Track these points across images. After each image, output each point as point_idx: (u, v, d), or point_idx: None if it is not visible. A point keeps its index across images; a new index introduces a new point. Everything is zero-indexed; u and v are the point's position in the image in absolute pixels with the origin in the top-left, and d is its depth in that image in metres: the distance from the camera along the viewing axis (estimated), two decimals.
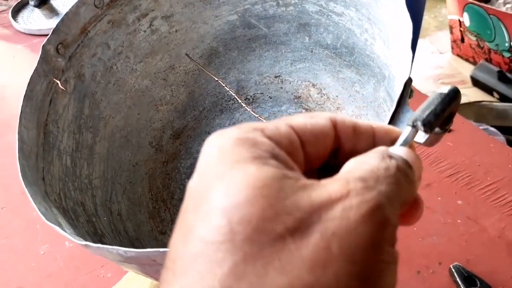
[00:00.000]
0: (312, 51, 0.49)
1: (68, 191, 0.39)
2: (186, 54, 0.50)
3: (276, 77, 0.52)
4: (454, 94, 0.23)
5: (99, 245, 0.28)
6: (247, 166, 0.16)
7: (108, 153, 0.46)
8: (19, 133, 0.35)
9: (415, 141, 0.22)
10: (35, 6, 0.40)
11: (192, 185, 0.17)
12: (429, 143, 0.24)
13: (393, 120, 0.27)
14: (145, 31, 0.48)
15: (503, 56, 1.43)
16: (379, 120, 0.44)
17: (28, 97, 0.37)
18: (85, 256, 0.56)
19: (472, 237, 0.59)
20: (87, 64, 0.44)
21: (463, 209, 0.61)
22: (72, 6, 0.41)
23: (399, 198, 0.17)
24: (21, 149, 0.34)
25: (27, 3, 0.98)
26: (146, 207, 0.47)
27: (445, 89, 0.23)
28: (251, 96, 0.53)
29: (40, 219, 0.30)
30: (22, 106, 0.36)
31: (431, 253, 0.59)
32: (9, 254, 0.60)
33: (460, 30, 1.54)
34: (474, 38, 1.50)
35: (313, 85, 0.51)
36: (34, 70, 0.38)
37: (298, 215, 0.15)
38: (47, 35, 0.40)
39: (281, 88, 0.52)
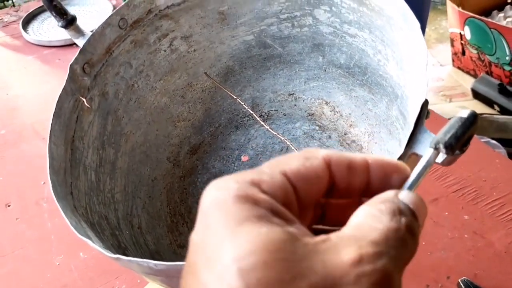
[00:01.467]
0: (325, 70, 0.51)
1: (93, 205, 0.41)
2: (205, 73, 0.52)
3: (290, 94, 0.54)
4: (474, 118, 0.24)
5: (131, 258, 0.29)
6: (255, 227, 0.16)
7: (129, 168, 0.48)
8: (49, 149, 0.37)
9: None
10: (62, 27, 0.42)
11: (197, 239, 0.17)
12: (446, 163, 0.25)
13: (411, 141, 0.29)
14: (165, 51, 0.50)
15: (503, 69, 1.46)
16: (392, 138, 0.46)
17: (57, 115, 0.39)
18: (100, 268, 0.58)
19: (479, 251, 0.61)
20: (110, 82, 0.45)
21: (470, 224, 0.63)
22: (98, 27, 0.43)
23: (404, 259, 0.17)
24: (51, 165, 0.36)
25: (37, 14, 1.01)
26: (165, 221, 0.49)
27: (465, 113, 0.24)
28: (265, 113, 0.55)
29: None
30: (51, 124, 0.38)
31: (439, 267, 0.60)
32: (24, 265, 0.61)
33: (461, 43, 1.56)
34: (475, 51, 1.53)
35: (327, 103, 0.52)
36: (63, 89, 0.40)
37: (313, 279, 0.15)
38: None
39: (295, 105, 0.54)
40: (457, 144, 0.24)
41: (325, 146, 0.51)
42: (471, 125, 0.24)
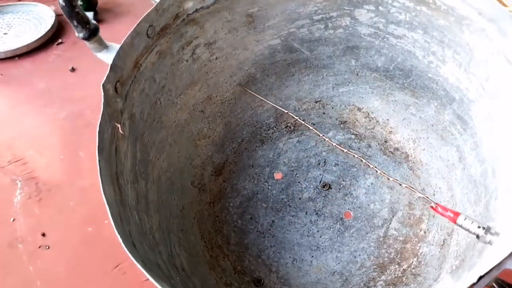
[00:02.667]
0: (357, 74, 0.48)
1: (146, 253, 0.34)
2: (239, 84, 0.46)
3: (316, 102, 0.50)
4: None
5: None
6: None
7: (159, 200, 0.41)
8: (104, 194, 0.29)
9: None
10: (84, 38, 0.34)
11: None
12: None
13: None
14: (187, 60, 0.43)
15: None
16: (445, 143, 0.43)
17: (100, 149, 0.31)
18: None
19: None
20: (136, 102, 0.38)
21: None
22: (127, 38, 0.36)
23: None
24: (113, 215, 0.29)
25: None
26: (203, 257, 0.42)
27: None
28: (291, 124, 0.50)
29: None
30: (98, 162, 0.30)
31: None
32: None
33: None
34: None
35: (359, 109, 0.49)
36: (101, 116, 0.32)
37: None
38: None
39: (324, 113, 0.50)
40: None
41: (367, 156, 0.47)
42: None
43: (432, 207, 0.34)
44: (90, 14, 1.03)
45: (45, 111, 0.83)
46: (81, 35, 0.34)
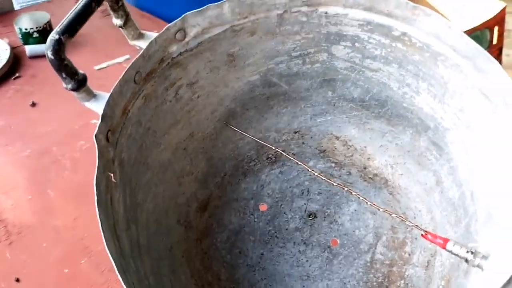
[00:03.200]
0: (334, 105, 0.49)
1: None
2: (226, 123, 0.46)
3: (295, 132, 0.51)
4: None
5: None
6: None
7: (148, 243, 0.41)
8: (109, 249, 0.29)
9: None
10: (73, 89, 0.34)
11: None
12: None
13: None
14: (170, 101, 0.43)
15: None
16: (422, 168, 0.46)
17: (99, 202, 0.31)
18: None
19: None
20: (125, 147, 0.38)
21: None
22: (116, 86, 0.36)
23: None
24: (119, 269, 0.28)
25: None
26: None
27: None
28: (272, 155, 0.51)
29: None
30: (98, 215, 0.30)
31: None
32: None
33: None
34: None
35: (337, 138, 0.51)
36: (97, 169, 0.32)
37: None
38: None
39: (303, 143, 0.51)
40: None
41: (348, 184, 0.49)
42: None
43: (422, 235, 0.36)
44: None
45: (6, 150, 0.80)
46: (69, 86, 0.34)
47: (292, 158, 0.47)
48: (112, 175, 0.34)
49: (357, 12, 0.41)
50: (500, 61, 1.43)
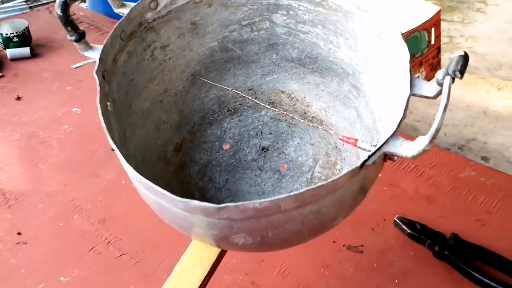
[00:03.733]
0: (278, 65, 0.63)
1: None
2: (193, 75, 0.59)
3: (249, 90, 0.64)
4: (467, 54, 0.38)
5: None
6: None
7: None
8: (121, 153, 0.41)
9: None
10: (75, 40, 0.46)
11: None
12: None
13: (412, 85, 0.42)
14: (148, 60, 0.55)
15: None
16: (347, 107, 0.59)
17: (104, 116, 0.42)
18: None
19: (398, 197, 0.78)
20: (115, 90, 0.50)
21: (385, 178, 0.80)
22: (108, 39, 0.48)
23: None
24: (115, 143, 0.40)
25: None
26: None
27: (461, 52, 0.38)
28: (232, 108, 0.64)
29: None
30: (104, 123, 0.42)
31: (375, 214, 0.76)
32: None
33: None
34: None
35: (282, 92, 0.64)
36: (98, 95, 0.44)
37: None
38: None
39: (256, 97, 0.64)
40: (464, 70, 0.38)
41: (292, 125, 0.62)
42: (467, 58, 0.38)
43: (340, 138, 0.49)
44: (26, 49, 1.11)
45: None
46: (73, 38, 0.46)
47: (257, 101, 0.60)
48: (109, 104, 0.46)
49: None
50: (439, 60, 1.60)
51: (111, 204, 0.77)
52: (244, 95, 0.61)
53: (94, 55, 0.47)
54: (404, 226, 0.72)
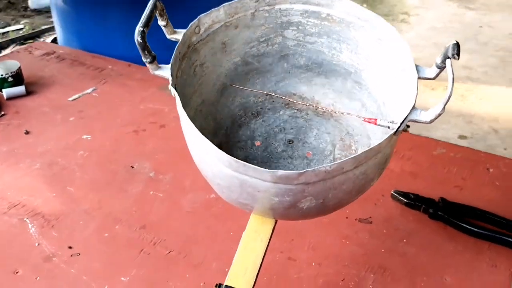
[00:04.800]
0: (289, 72, 0.75)
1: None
2: (231, 84, 0.70)
3: (266, 95, 0.76)
4: (458, 43, 0.53)
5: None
6: None
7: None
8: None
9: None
10: (150, 62, 0.56)
11: None
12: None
13: (417, 70, 0.56)
14: (192, 76, 0.66)
15: None
16: (352, 100, 0.72)
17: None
18: None
19: (389, 176, 0.92)
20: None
21: None
22: (172, 60, 0.58)
23: None
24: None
25: None
26: None
27: (454, 41, 0.53)
28: (254, 112, 0.75)
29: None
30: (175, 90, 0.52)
31: (374, 192, 0.89)
32: None
33: None
34: None
35: (294, 94, 0.76)
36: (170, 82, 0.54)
37: None
38: None
39: (273, 101, 0.76)
40: (459, 54, 0.52)
41: (308, 119, 0.74)
42: (459, 46, 0.53)
43: (363, 119, 0.62)
44: (22, 88, 1.18)
45: (18, 167, 0.97)
46: (148, 60, 0.56)
47: (281, 97, 0.72)
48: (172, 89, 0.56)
49: (299, 6, 0.68)
50: None
51: (146, 212, 0.85)
52: (278, 96, 0.73)
53: (163, 73, 0.58)
54: (400, 197, 0.86)
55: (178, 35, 0.62)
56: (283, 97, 0.74)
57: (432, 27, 3.58)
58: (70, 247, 0.78)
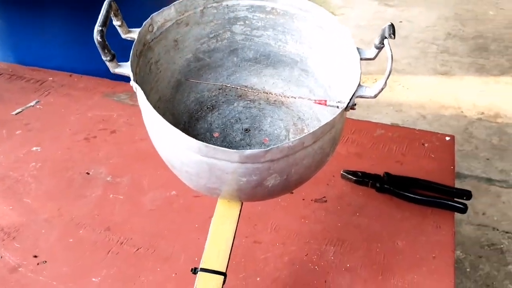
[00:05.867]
0: (239, 66, 0.80)
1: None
2: (186, 79, 0.73)
3: (219, 89, 0.80)
4: (393, 24, 0.60)
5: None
6: None
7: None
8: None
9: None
10: (109, 61, 0.58)
11: None
12: None
13: (358, 52, 0.62)
14: (148, 73, 0.69)
15: None
16: (299, 87, 0.78)
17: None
18: None
19: (337, 158, 0.98)
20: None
21: None
22: (131, 57, 0.61)
23: None
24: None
25: None
26: None
27: (389, 23, 0.60)
28: (209, 105, 0.79)
29: None
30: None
31: (325, 173, 0.95)
32: None
33: None
34: None
35: (246, 86, 0.81)
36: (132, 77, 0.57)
37: None
38: None
39: (226, 94, 0.80)
40: (395, 34, 0.59)
41: (261, 109, 0.79)
42: (394, 26, 0.60)
43: (314, 101, 0.67)
44: None
45: None
46: (107, 58, 0.58)
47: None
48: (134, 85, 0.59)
49: (245, 1, 0.72)
50: None
51: (108, 215, 0.86)
52: (238, 88, 0.77)
53: (123, 70, 0.60)
54: (349, 176, 0.93)
55: (133, 34, 0.64)
56: (238, 88, 0.78)
57: (357, 25, 3.78)
58: (35, 256, 0.78)
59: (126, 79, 0.60)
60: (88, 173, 0.95)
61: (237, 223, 0.67)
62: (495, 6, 4.07)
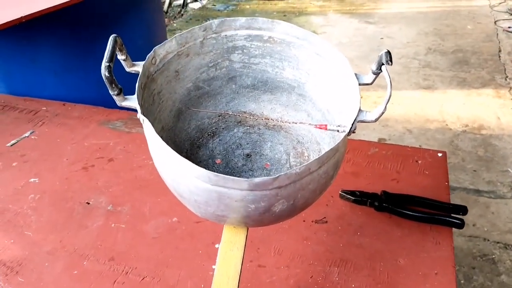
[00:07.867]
0: (238, 92, 0.81)
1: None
2: (188, 108, 0.74)
3: (219, 116, 0.81)
4: (389, 51, 0.62)
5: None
6: None
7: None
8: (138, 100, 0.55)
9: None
10: (116, 95, 0.59)
11: None
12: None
13: (357, 78, 0.65)
14: (151, 104, 0.70)
15: None
16: (298, 111, 0.80)
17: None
18: None
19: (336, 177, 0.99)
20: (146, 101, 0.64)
21: None
22: (137, 90, 0.62)
23: None
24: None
25: None
26: None
27: (385, 50, 0.62)
28: (210, 132, 0.80)
29: None
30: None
31: (324, 194, 0.97)
32: None
33: None
34: None
35: (245, 112, 0.82)
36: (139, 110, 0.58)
37: None
38: None
39: (226, 121, 0.81)
40: (392, 61, 0.61)
41: (261, 134, 0.81)
42: (390, 53, 0.62)
43: (316, 126, 0.69)
44: None
45: None
46: (115, 92, 0.59)
47: (246, 115, 0.77)
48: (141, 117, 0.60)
49: (243, 31, 0.74)
50: None
51: (111, 244, 0.86)
52: (238, 115, 0.79)
53: (129, 103, 0.61)
54: (348, 196, 0.95)
55: (138, 67, 0.66)
56: (236, 114, 0.80)
57: (339, 42, 3.85)
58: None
59: (120, 107, 0.62)
60: (88, 203, 0.95)
61: (245, 248, 0.68)
62: (473, 20, 4.19)
